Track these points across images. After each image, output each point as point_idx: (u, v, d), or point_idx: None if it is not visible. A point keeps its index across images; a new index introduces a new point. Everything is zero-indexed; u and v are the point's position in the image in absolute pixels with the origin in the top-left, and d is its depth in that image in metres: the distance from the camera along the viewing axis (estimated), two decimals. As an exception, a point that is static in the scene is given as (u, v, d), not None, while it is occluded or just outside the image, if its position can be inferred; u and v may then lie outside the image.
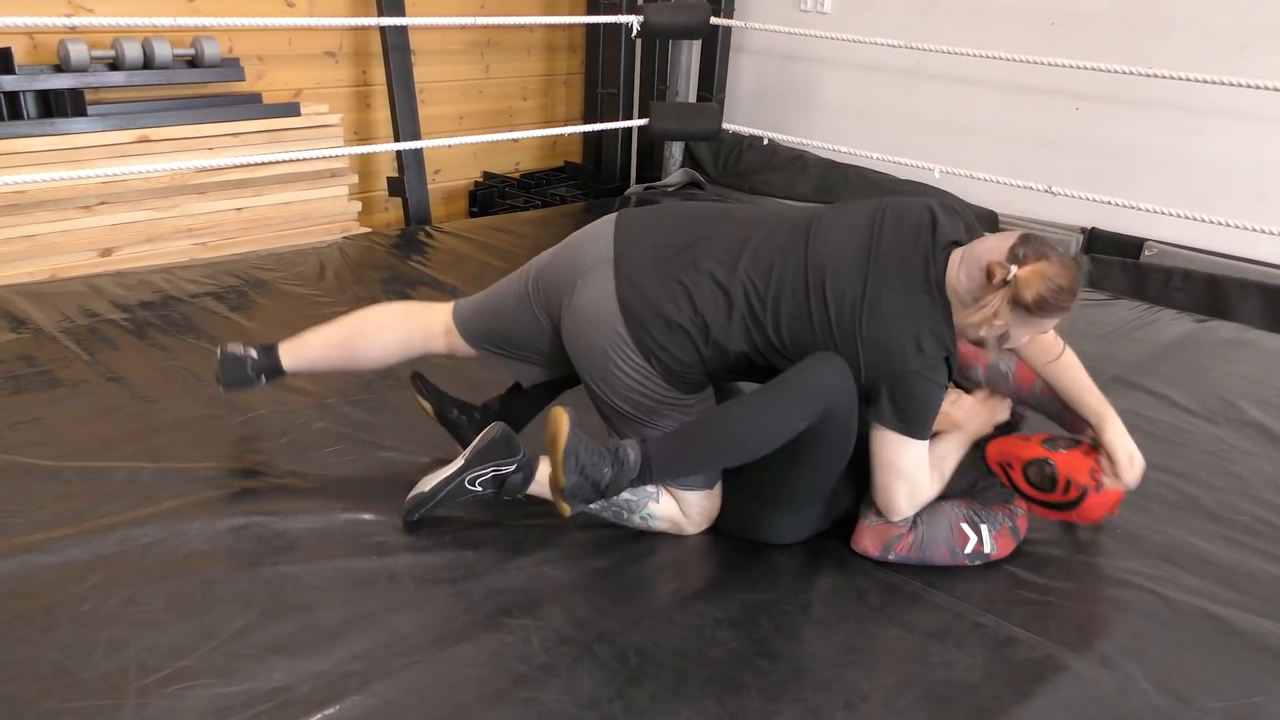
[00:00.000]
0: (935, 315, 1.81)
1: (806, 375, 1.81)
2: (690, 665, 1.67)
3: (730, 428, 1.84)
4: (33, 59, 3.53)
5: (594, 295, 1.92)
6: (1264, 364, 3.13)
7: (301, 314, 3.02)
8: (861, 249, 1.86)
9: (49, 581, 1.77)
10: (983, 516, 1.98)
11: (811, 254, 1.86)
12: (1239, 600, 1.94)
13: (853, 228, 1.89)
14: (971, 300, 1.79)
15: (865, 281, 1.83)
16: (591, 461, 1.79)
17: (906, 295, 1.81)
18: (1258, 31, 3.63)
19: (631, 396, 1.93)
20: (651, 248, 1.92)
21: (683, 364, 1.90)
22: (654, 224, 1.98)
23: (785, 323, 1.85)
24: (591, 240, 1.99)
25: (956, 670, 1.71)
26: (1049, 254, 1.75)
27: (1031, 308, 1.74)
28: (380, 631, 1.70)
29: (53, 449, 2.19)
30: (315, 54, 4.27)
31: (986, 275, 1.76)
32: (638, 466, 1.82)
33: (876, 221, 1.89)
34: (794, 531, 2.02)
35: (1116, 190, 3.83)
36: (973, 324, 1.80)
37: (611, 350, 1.90)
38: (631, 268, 1.91)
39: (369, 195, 4.55)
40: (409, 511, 2.00)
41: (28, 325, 2.81)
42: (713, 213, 2.01)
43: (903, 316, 1.81)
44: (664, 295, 1.87)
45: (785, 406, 1.80)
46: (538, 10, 5.01)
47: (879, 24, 4.47)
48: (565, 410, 1.80)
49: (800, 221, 1.93)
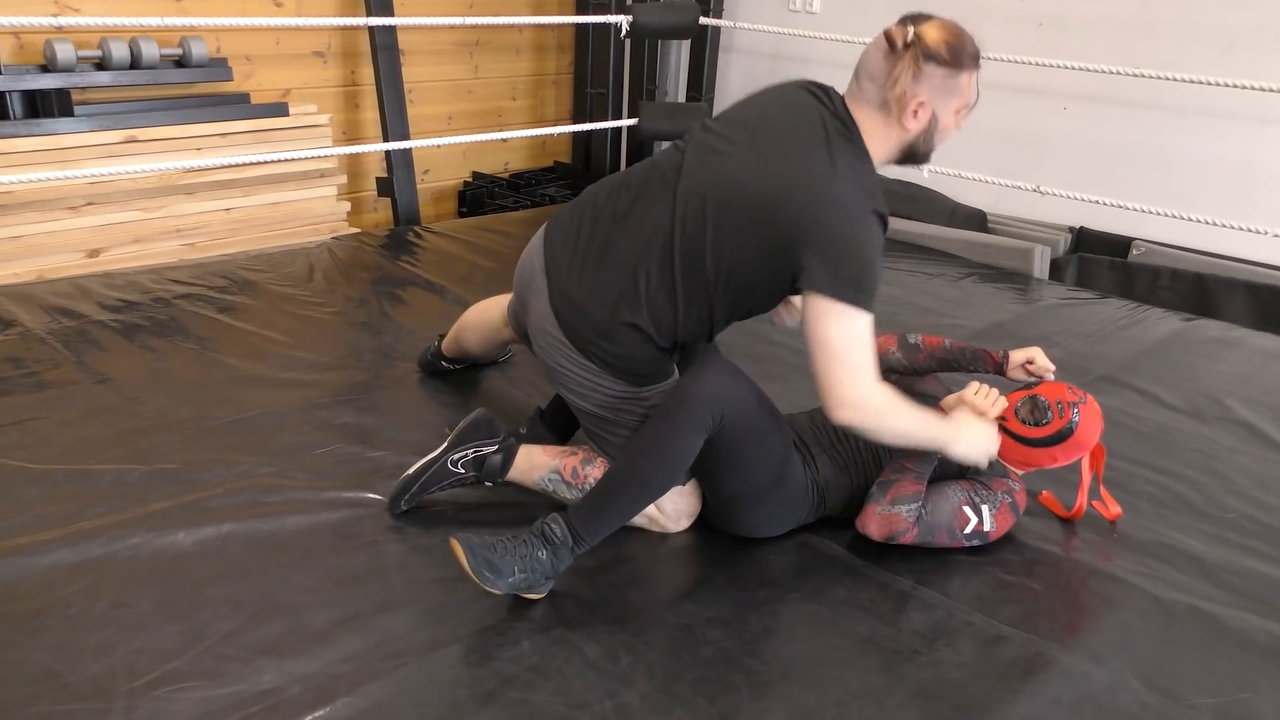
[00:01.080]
0: (849, 159, 1.78)
1: (683, 393, 1.79)
2: (681, 665, 1.68)
3: (632, 472, 1.81)
4: (19, 59, 3.51)
5: (538, 306, 1.99)
6: (1251, 362, 3.15)
7: (290, 315, 3.02)
8: (747, 143, 1.86)
9: (37, 584, 1.76)
10: (984, 496, 2.00)
11: (698, 179, 1.86)
12: (1227, 597, 1.95)
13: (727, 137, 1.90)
14: (882, 102, 1.79)
15: (762, 164, 1.81)
16: (520, 556, 1.73)
17: (806, 152, 1.79)
18: (1243, 32, 3.65)
19: (588, 395, 1.98)
20: (574, 250, 1.95)
21: (623, 358, 1.92)
22: (574, 223, 1.99)
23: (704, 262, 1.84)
24: (532, 252, 2.05)
25: (946, 668, 1.71)
26: (937, 17, 1.80)
27: (945, 56, 1.75)
28: (370, 633, 1.70)
29: (40, 451, 2.18)
30: (303, 54, 4.26)
31: (888, 46, 1.78)
32: (569, 537, 1.77)
33: (748, 121, 1.90)
34: (775, 524, 2.02)
35: (1104, 190, 3.85)
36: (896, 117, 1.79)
37: (558, 355, 1.96)
38: (560, 274, 1.94)
39: (358, 195, 4.54)
40: (394, 499, 2.01)
41: (15, 327, 2.80)
42: (620, 189, 1.98)
43: (812, 172, 1.77)
44: (591, 298, 1.90)
45: (672, 433, 1.78)
46: (527, 10, 5.00)
47: (868, 24, 4.45)
48: (454, 540, 1.72)
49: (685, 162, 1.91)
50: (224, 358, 2.68)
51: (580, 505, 1.82)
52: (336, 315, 3.06)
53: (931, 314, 3.39)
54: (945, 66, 1.77)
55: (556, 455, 2.05)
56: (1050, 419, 2.00)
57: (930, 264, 3.95)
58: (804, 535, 2.05)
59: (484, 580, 1.71)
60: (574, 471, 2.01)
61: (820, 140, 1.82)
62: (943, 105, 1.82)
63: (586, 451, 2.05)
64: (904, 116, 1.81)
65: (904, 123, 1.82)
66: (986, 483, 2.02)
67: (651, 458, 1.80)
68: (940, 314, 3.41)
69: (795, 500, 2.00)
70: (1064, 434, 2.00)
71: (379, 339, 2.90)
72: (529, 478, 2.04)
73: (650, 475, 1.82)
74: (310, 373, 2.63)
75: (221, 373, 2.60)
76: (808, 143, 1.82)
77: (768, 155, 1.83)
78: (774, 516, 2.01)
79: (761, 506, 1.98)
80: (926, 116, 1.82)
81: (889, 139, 1.86)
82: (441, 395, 2.58)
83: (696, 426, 1.78)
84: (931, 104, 1.81)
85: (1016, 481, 2.05)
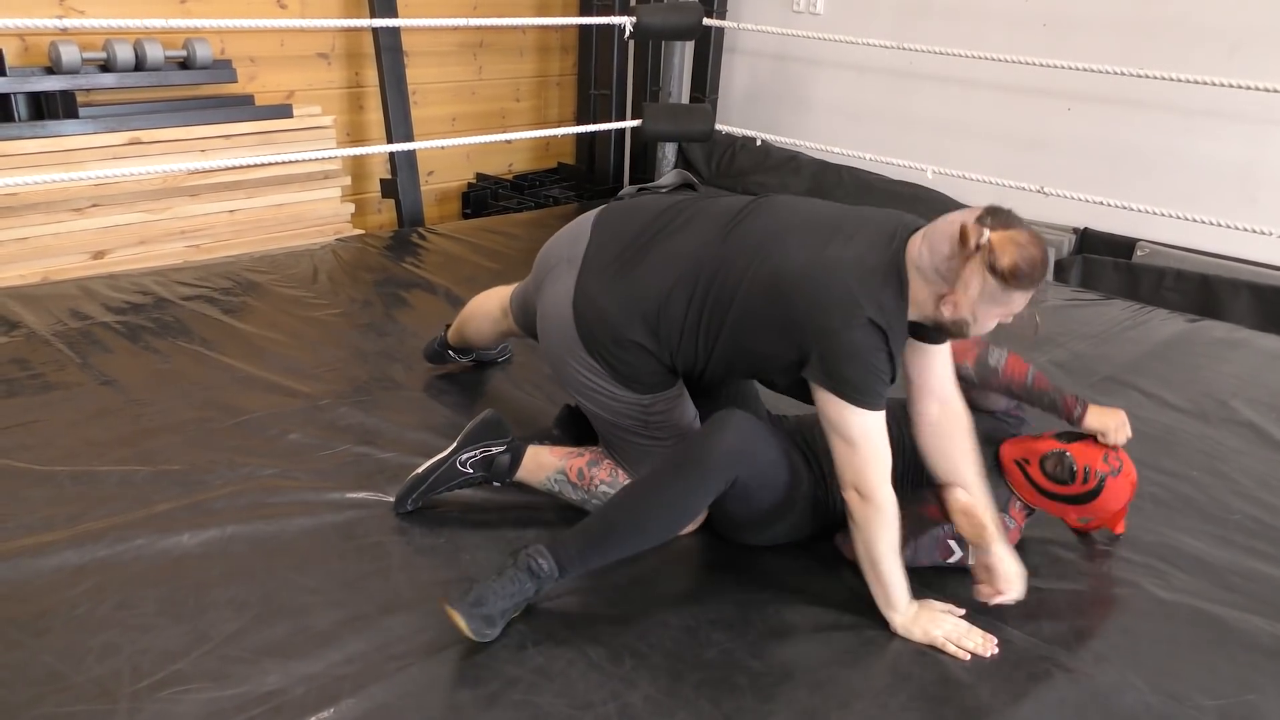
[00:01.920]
0: (882, 281, 1.72)
1: (701, 452, 1.77)
2: (684, 667, 1.68)
3: (634, 519, 1.79)
4: (24, 61, 3.52)
5: (555, 293, 1.97)
6: (1256, 363, 3.14)
7: (295, 316, 3.02)
8: (816, 224, 1.82)
9: (42, 585, 1.76)
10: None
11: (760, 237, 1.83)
12: (1232, 599, 1.94)
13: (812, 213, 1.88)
14: (936, 274, 1.70)
15: (813, 243, 1.77)
16: (508, 595, 1.71)
17: (856, 257, 1.74)
18: (1248, 33, 3.64)
19: (590, 395, 1.97)
20: (613, 251, 1.93)
21: (629, 365, 1.91)
22: (623, 226, 1.98)
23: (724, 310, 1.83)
24: (564, 239, 2.04)
25: (950, 670, 1.71)
26: (1018, 223, 1.67)
27: (1006, 276, 1.63)
28: (374, 634, 1.70)
29: (45, 452, 2.18)
30: (308, 55, 4.26)
31: (959, 239, 1.66)
32: (554, 569, 1.74)
33: (840, 213, 1.86)
34: (779, 539, 2.01)
35: (1108, 191, 3.84)
36: (941, 297, 1.70)
37: (565, 350, 1.96)
38: (593, 270, 1.93)
39: (362, 197, 4.54)
40: (400, 499, 2.02)
41: (20, 328, 2.80)
42: (677, 212, 1.96)
43: (842, 273, 1.73)
44: (614, 302, 1.89)
45: (684, 492, 1.78)
46: (530, 11, 5.00)
47: (871, 25, 4.47)
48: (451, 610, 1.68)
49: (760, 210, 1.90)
50: (228, 359, 2.69)
51: (573, 538, 1.78)
52: (341, 317, 3.06)
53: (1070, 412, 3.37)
54: (1005, 285, 1.66)
55: (563, 456, 2.05)
56: (1073, 483, 1.94)
57: (934, 265, 3.94)
58: (806, 539, 2.05)
59: (483, 637, 1.69)
60: (580, 473, 2.02)
61: (868, 258, 1.75)
62: (985, 311, 1.71)
63: (593, 453, 2.06)
64: (943, 303, 1.72)
65: (942, 307, 1.73)
66: None
67: (658, 510, 1.79)
68: (944, 315, 3.40)
69: (801, 525, 2.00)
70: (1082, 499, 1.96)
71: (383, 340, 2.90)
72: (536, 478, 2.05)
73: (653, 525, 1.80)
74: (314, 374, 2.64)
75: (226, 374, 2.60)
76: (857, 252, 1.75)
77: (814, 244, 1.78)
78: (779, 534, 2.00)
79: (766, 531, 1.99)
80: (965, 314, 1.72)
81: (923, 306, 1.76)
82: (445, 396, 2.58)
83: (709, 489, 1.78)
84: (976, 306, 1.70)
85: (1014, 519, 2.01)
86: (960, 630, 1.78)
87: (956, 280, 1.67)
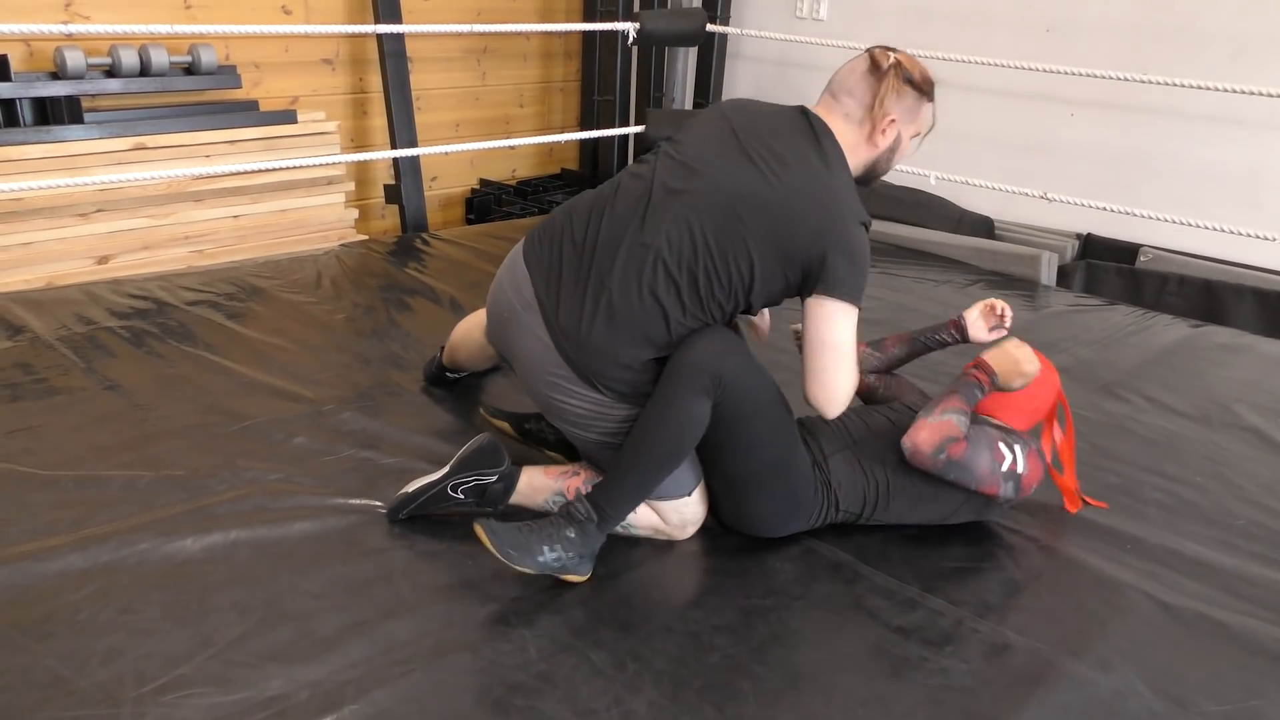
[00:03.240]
0: (843, 172, 1.90)
1: (679, 359, 1.84)
2: (688, 672, 1.67)
3: (643, 444, 1.85)
4: (29, 66, 3.53)
5: (529, 344, 1.94)
6: (1259, 368, 3.14)
7: (298, 321, 3.02)
8: (742, 160, 1.88)
9: (45, 590, 1.76)
10: (1014, 439, 2.03)
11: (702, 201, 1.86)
12: (1236, 604, 1.94)
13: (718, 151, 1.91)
14: (864, 110, 1.92)
15: (767, 176, 1.85)
16: (546, 535, 1.80)
17: (806, 163, 1.87)
18: (1250, 38, 3.65)
19: (593, 424, 1.95)
20: (564, 283, 1.91)
21: (634, 384, 1.90)
22: (554, 254, 1.95)
23: (713, 270, 1.85)
24: (507, 288, 2.00)
25: (954, 675, 1.71)
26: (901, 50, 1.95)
27: (921, 84, 1.93)
28: (378, 639, 1.70)
29: (49, 457, 2.18)
30: (312, 61, 4.28)
31: (871, 68, 1.91)
32: (592, 513, 1.83)
33: (735, 133, 1.93)
34: (781, 519, 2.01)
35: (1112, 196, 3.84)
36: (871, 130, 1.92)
37: (559, 393, 1.93)
38: (558, 313, 1.90)
39: (366, 202, 4.55)
40: (392, 511, 2.02)
41: (24, 333, 2.81)
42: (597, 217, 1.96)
43: (818, 183, 1.85)
44: (603, 334, 1.86)
45: (673, 398, 1.83)
46: (534, 18, 5.02)
47: (875, 30, 4.48)
48: (477, 525, 1.79)
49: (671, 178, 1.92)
50: (232, 364, 2.69)
51: (600, 485, 1.88)
52: (344, 322, 3.07)
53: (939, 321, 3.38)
54: (918, 92, 1.94)
55: (558, 477, 2.04)
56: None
57: (937, 271, 3.95)
58: (810, 541, 2.05)
59: (510, 559, 1.76)
60: (577, 493, 2.00)
61: (813, 151, 1.89)
62: (907, 128, 1.98)
63: (588, 472, 2.04)
64: (875, 133, 1.94)
65: (874, 139, 1.95)
66: (1008, 433, 2.05)
67: (659, 428, 1.83)
68: (947, 320, 3.40)
69: (802, 497, 1.99)
70: None
71: (386, 345, 2.91)
72: (532, 501, 2.03)
73: (660, 443, 1.85)
74: (318, 379, 2.64)
75: (229, 379, 2.61)
76: (805, 154, 1.88)
77: (773, 167, 1.86)
78: (780, 509, 2.00)
79: (765, 493, 1.97)
80: (893, 135, 1.96)
81: (858, 154, 1.96)
82: (448, 401, 2.58)
83: (696, 389, 1.81)
84: (899, 125, 1.96)
85: (1044, 453, 2.09)
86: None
87: (880, 104, 1.91)
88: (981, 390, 2.03)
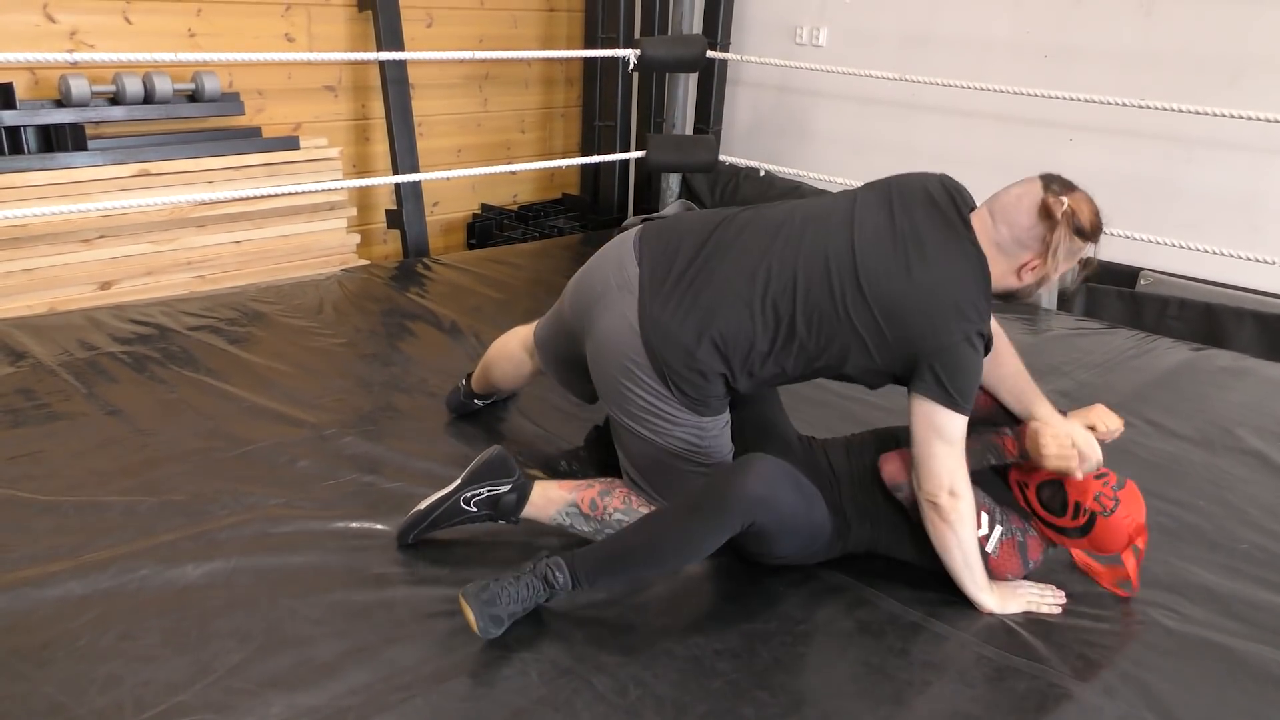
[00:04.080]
0: (975, 282, 1.85)
1: (723, 493, 1.78)
2: (690, 698, 1.66)
3: (651, 546, 1.82)
4: (34, 94, 3.55)
5: (613, 322, 1.93)
6: (1261, 392, 3.13)
7: (300, 346, 3.03)
8: (887, 231, 1.87)
9: (45, 616, 1.76)
10: (1000, 519, 1.96)
11: (831, 250, 1.86)
12: (1241, 629, 1.93)
13: (868, 213, 1.90)
14: (1018, 245, 1.85)
15: (904, 262, 1.83)
16: (520, 599, 1.76)
17: (945, 267, 1.84)
18: (1247, 64, 3.67)
19: (646, 420, 1.94)
20: (671, 273, 1.91)
21: (699, 388, 1.90)
22: (673, 244, 1.96)
23: (818, 329, 1.85)
24: (607, 265, 2.00)
25: (959, 701, 1.70)
26: (1072, 184, 1.89)
27: (1089, 233, 1.85)
28: (378, 665, 1.69)
29: (50, 483, 2.18)
30: (315, 88, 4.30)
31: (1042, 212, 1.83)
32: (569, 582, 1.79)
33: (890, 202, 1.91)
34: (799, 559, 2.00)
35: (1111, 220, 3.80)
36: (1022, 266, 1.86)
37: (626, 377, 1.92)
38: (655, 296, 1.90)
39: (368, 228, 4.56)
40: (403, 532, 2.01)
41: (27, 358, 2.81)
42: (726, 227, 1.97)
43: (945, 288, 1.83)
44: (687, 328, 1.87)
45: (703, 529, 1.79)
46: (536, 44, 5.05)
47: (874, 56, 4.51)
48: (463, 598, 1.76)
49: (813, 218, 1.93)
50: (234, 389, 2.69)
51: (589, 555, 1.81)
52: (346, 347, 3.07)
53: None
54: (1083, 241, 1.87)
55: (572, 489, 2.04)
56: (1064, 515, 1.94)
57: (938, 294, 3.94)
58: (813, 566, 2.04)
59: (488, 635, 1.74)
60: (592, 503, 2.00)
61: (958, 255, 1.85)
62: (1060, 268, 1.90)
63: (604, 484, 2.04)
64: (1025, 270, 1.89)
65: (1022, 275, 1.90)
66: (1008, 514, 2.00)
67: (674, 542, 1.81)
68: (948, 344, 3.40)
69: (816, 552, 2.00)
70: (1073, 534, 1.95)
71: (388, 370, 2.91)
72: (545, 513, 2.03)
73: (667, 556, 1.82)
74: (319, 404, 2.64)
75: (231, 404, 2.61)
76: (948, 253, 1.85)
77: (909, 251, 1.85)
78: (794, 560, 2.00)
79: (780, 561, 1.98)
80: (1040, 276, 1.90)
81: (1000, 280, 1.90)
82: (451, 426, 2.58)
83: (725, 529, 1.79)
84: (1056, 267, 1.89)
85: (1036, 529, 2.00)
86: (1037, 594, 1.96)
87: (1042, 247, 1.84)
88: (999, 457, 1.97)
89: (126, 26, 3.70)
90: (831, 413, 2.69)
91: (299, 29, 4.15)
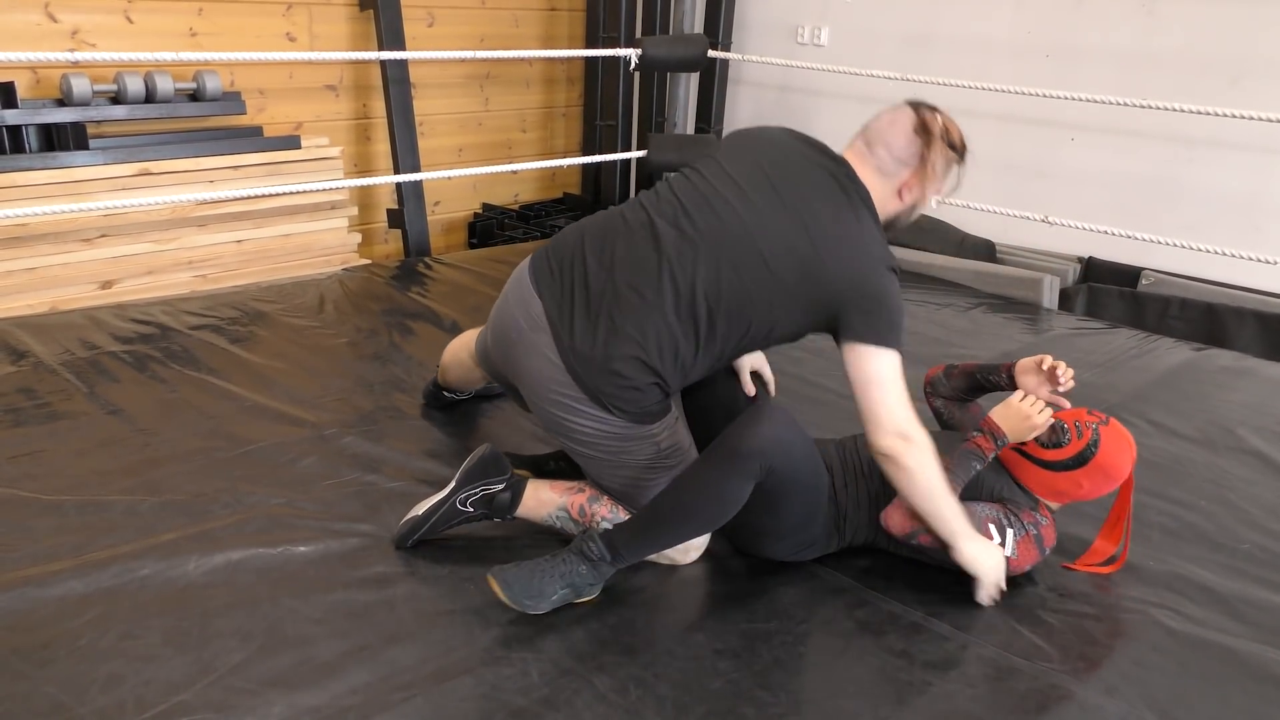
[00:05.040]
0: (868, 214, 1.90)
1: (738, 441, 1.81)
2: (690, 697, 1.66)
3: (680, 506, 1.85)
4: (35, 93, 3.56)
5: (536, 363, 1.93)
6: (1262, 391, 3.13)
7: (301, 345, 3.03)
8: (773, 202, 1.89)
9: (46, 615, 1.76)
10: (1010, 521, 1.97)
11: (728, 239, 1.87)
12: (1242, 629, 1.93)
13: (747, 188, 1.92)
14: (898, 164, 1.91)
15: (801, 225, 1.86)
16: (560, 575, 1.81)
17: (837, 213, 1.88)
18: (1249, 63, 3.67)
19: (597, 442, 1.94)
20: (576, 302, 1.90)
21: (637, 402, 1.90)
22: (568, 273, 1.95)
23: (738, 318, 1.87)
24: (514, 307, 1.99)
25: (960, 701, 1.70)
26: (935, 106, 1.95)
27: (959, 146, 1.93)
28: (379, 665, 1.69)
29: (51, 482, 2.18)
30: (316, 87, 4.31)
31: (919, 129, 1.90)
32: (606, 554, 1.83)
33: (763, 169, 1.93)
34: (790, 553, 2.02)
35: (1113, 220, 3.85)
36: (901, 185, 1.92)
37: (564, 412, 1.93)
38: (568, 330, 1.89)
39: (369, 227, 4.57)
40: (401, 537, 2.01)
41: (27, 358, 2.81)
42: (614, 234, 1.96)
43: (848, 233, 1.87)
44: (611, 351, 1.86)
45: (723, 477, 1.81)
46: (537, 44, 5.06)
47: (875, 56, 4.51)
48: (491, 578, 1.80)
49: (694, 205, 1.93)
50: (235, 388, 2.69)
51: (623, 527, 1.88)
52: (347, 346, 3.07)
53: (940, 344, 3.39)
54: (957, 156, 1.94)
55: (564, 492, 2.04)
56: (1069, 440, 1.97)
57: (939, 294, 3.95)
58: (813, 566, 2.04)
59: (526, 608, 1.79)
60: (581, 510, 2.01)
61: (845, 202, 1.89)
62: (934, 188, 1.97)
63: (593, 490, 2.04)
64: (904, 189, 1.95)
65: (903, 195, 1.95)
66: (1016, 511, 1.99)
67: (702, 497, 1.83)
68: (949, 344, 3.40)
69: (817, 538, 2.01)
70: (1085, 456, 1.97)
71: (389, 369, 2.91)
72: (537, 514, 2.04)
73: (698, 513, 1.85)
74: (320, 403, 2.64)
75: (232, 403, 2.61)
76: (835, 204, 1.89)
77: (802, 214, 1.87)
78: (792, 549, 2.01)
79: (784, 540, 1.99)
80: (919, 194, 1.96)
81: (886, 207, 1.96)
82: (450, 425, 2.58)
83: (746, 474, 1.80)
84: (930, 184, 1.95)
85: (1045, 516, 2.01)
86: (1000, 575, 1.94)
87: (919, 163, 1.90)
88: (981, 460, 1.97)
89: (128, 26, 3.71)
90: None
91: (300, 28, 4.15)
